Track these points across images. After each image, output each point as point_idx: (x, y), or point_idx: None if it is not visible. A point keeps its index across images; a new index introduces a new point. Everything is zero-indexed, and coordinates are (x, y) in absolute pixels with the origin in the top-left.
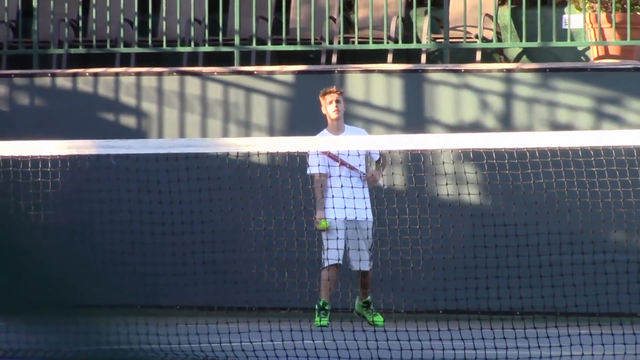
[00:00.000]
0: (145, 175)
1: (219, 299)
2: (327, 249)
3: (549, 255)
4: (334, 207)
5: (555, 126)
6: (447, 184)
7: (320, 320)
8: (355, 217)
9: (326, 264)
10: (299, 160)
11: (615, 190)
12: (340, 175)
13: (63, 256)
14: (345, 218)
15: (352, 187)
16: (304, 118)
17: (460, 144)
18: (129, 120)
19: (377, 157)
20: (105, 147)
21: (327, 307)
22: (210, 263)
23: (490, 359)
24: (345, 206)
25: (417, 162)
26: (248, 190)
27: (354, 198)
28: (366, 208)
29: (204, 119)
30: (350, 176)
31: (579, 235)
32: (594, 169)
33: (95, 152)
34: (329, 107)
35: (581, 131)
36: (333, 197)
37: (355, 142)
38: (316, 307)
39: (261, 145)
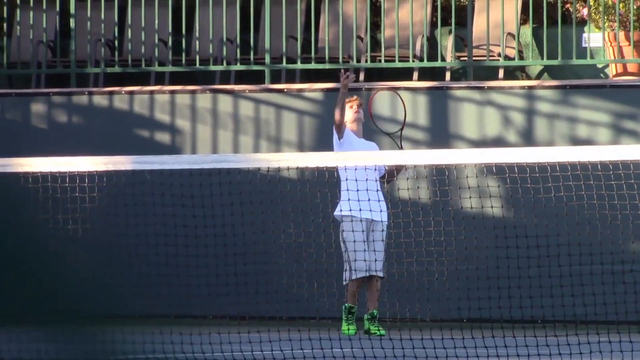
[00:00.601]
0: (179, 190)
1: (250, 308)
2: (354, 260)
3: (569, 266)
4: (350, 210)
5: (575, 141)
6: (470, 197)
7: (349, 329)
8: (372, 218)
9: (354, 276)
10: (327, 174)
11: (633, 203)
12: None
13: (99, 268)
14: (361, 218)
15: (367, 189)
16: (332, 134)
17: (483, 158)
18: (163, 137)
19: (382, 172)
20: (140, 162)
21: (353, 311)
22: (242, 274)
23: None
24: (361, 208)
25: (441, 176)
26: (278, 204)
27: (369, 200)
28: (381, 211)
29: (236, 135)
30: (367, 179)
31: (598, 246)
32: (612, 183)
33: (130, 168)
34: (349, 111)
35: (600, 146)
36: (349, 198)
37: (381, 157)
38: (343, 309)
39: (291, 160)
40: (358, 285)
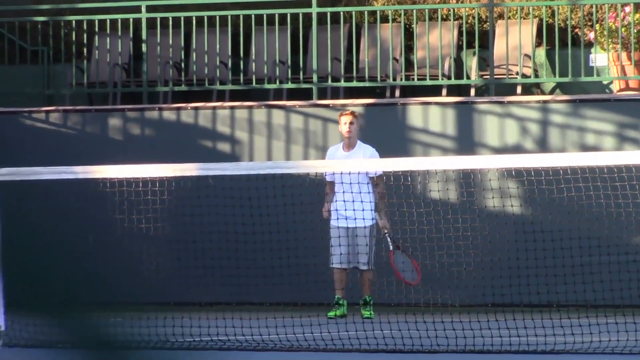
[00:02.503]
0: (238, 193)
1: (302, 296)
2: (332, 254)
3: (580, 257)
4: (337, 219)
5: (584, 148)
6: (493, 198)
7: (334, 312)
8: (356, 225)
9: (333, 264)
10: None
11: (635, 202)
12: (342, 190)
13: (169, 261)
14: (347, 227)
15: (352, 200)
16: (372, 142)
17: (504, 163)
18: (224, 147)
19: (373, 173)
20: (204, 169)
21: (340, 302)
22: (294, 266)
23: (531, 346)
24: (347, 217)
25: (467, 179)
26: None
27: (354, 210)
28: (364, 219)
29: (288, 145)
30: (351, 190)
31: (605, 239)
32: (617, 184)
33: (195, 174)
34: (344, 127)
35: (606, 152)
36: (337, 210)
37: (418, 163)
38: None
39: (335, 166)
40: (339, 273)
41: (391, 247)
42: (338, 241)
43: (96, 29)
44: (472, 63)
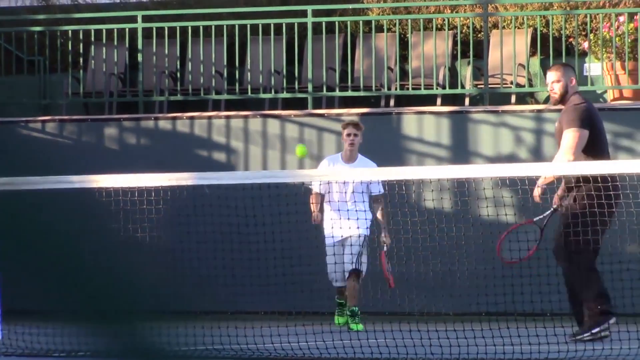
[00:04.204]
0: (233, 202)
1: (296, 304)
2: (334, 272)
3: None
4: (333, 235)
5: None
6: (487, 207)
7: (339, 320)
8: (350, 235)
9: (335, 284)
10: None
11: (629, 210)
12: (334, 201)
13: (164, 271)
14: (342, 237)
15: (347, 210)
16: (367, 152)
17: (498, 172)
18: (219, 156)
19: (376, 191)
20: (200, 178)
21: (343, 303)
22: (289, 274)
23: (525, 354)
24: (341, 226)
25: (462, 189)
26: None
27: (348, 219)
28: (358, 227)
29: (283, 154)
30: (346, 200)
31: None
32: (611, 193)
33: (191, 183)
34: (347, 138)
35: (600, 161)
36: (332, 219)
37: (413, 172)
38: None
39: (331, 176)
40: (342, 290)
41: (385, 249)
42: (334, 259)
43: (92, 39)
44: (466, 72)
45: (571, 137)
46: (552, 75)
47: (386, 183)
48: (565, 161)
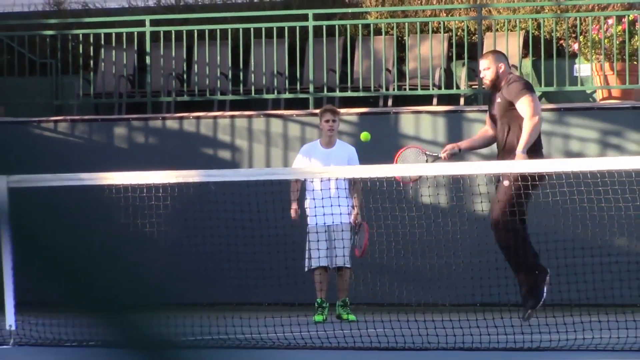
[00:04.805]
0: (238, 198)
1: (299, 296)
2: (310, 257)
3: (564, 258)
4: (315, 215)
5: (569, 154)
6: (481, 202)
7: (316, 317)
8: (333, 222)
9: (312, 266)
10: (363, 184)
11: (618, 205)
12: (319, 190)
13: (172, 264)
14: (325, 224)
15: (330, 197)
16: (365, 149)
17: (492, 169)
18: (224, 154)
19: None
20: (206, 176)
21: (323, 305)
22: (292, 268)
23: (518, 343)
24: (324, 213)
25: (457, 185)
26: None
27: (331, 205)
28: (341, 214)
29: (286, 152)
30: (328, 187)
31: (589, 241)
32: (600, 189)
33: (197, 180)
34: (325, 124)
35: (590, 158)
36: (315, 206)
37: (406, 169)
38: (315, 305)
39: (331, 173)
40: (319, 274)
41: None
42: (317, 241)
43: (102, 42)
44: (461, 73)
45: (529, 102)
46: (483, 62)
47: (384, 180)
48: (534, 124)
